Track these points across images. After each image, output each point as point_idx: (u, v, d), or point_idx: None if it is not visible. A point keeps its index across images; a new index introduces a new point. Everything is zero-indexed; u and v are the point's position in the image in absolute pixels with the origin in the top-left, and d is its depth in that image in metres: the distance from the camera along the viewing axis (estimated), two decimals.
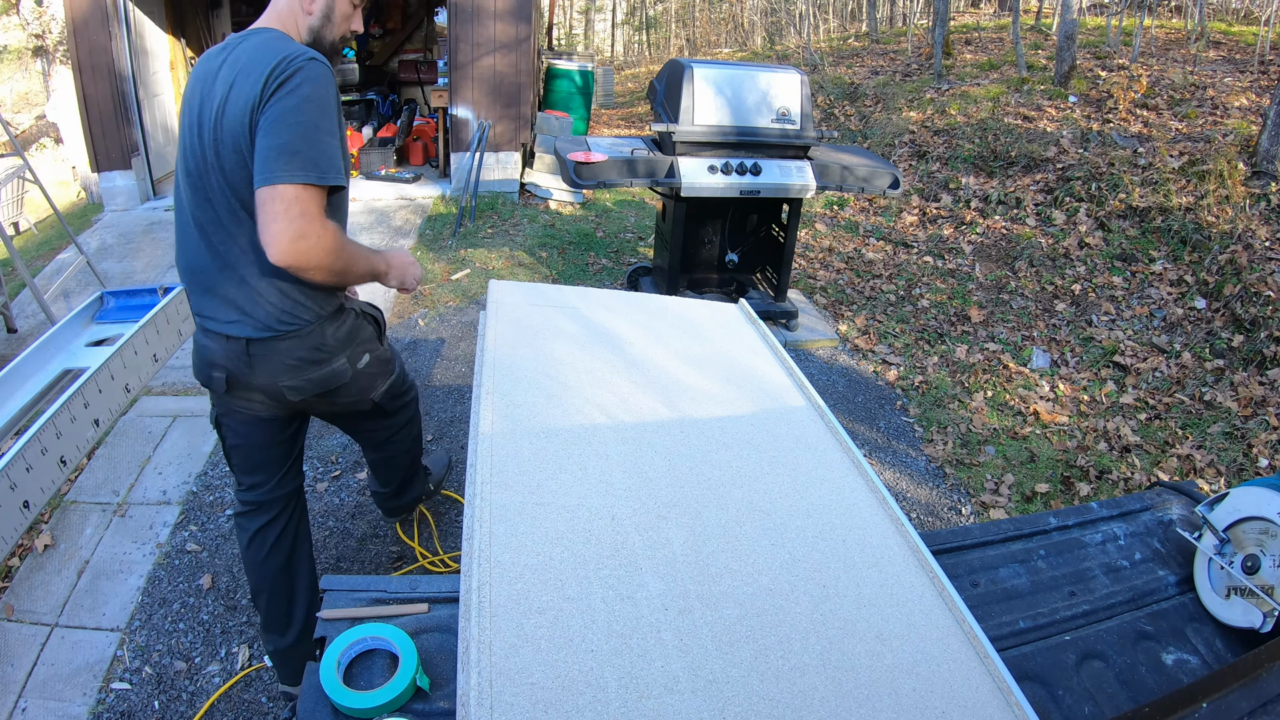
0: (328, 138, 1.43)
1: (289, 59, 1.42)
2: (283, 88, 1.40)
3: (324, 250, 1.42)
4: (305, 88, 1.41)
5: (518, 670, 0.81)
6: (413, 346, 4.01)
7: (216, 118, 1.47)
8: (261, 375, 1.66)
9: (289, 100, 1.40)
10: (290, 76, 1.41)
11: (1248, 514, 1.18)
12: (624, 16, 22.01)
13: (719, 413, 1.39)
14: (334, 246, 1.44)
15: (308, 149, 1.39)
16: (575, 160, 3.49)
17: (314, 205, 1.40)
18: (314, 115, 1.41)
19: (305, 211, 1.39)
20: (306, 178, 1.38)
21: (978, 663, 0.94)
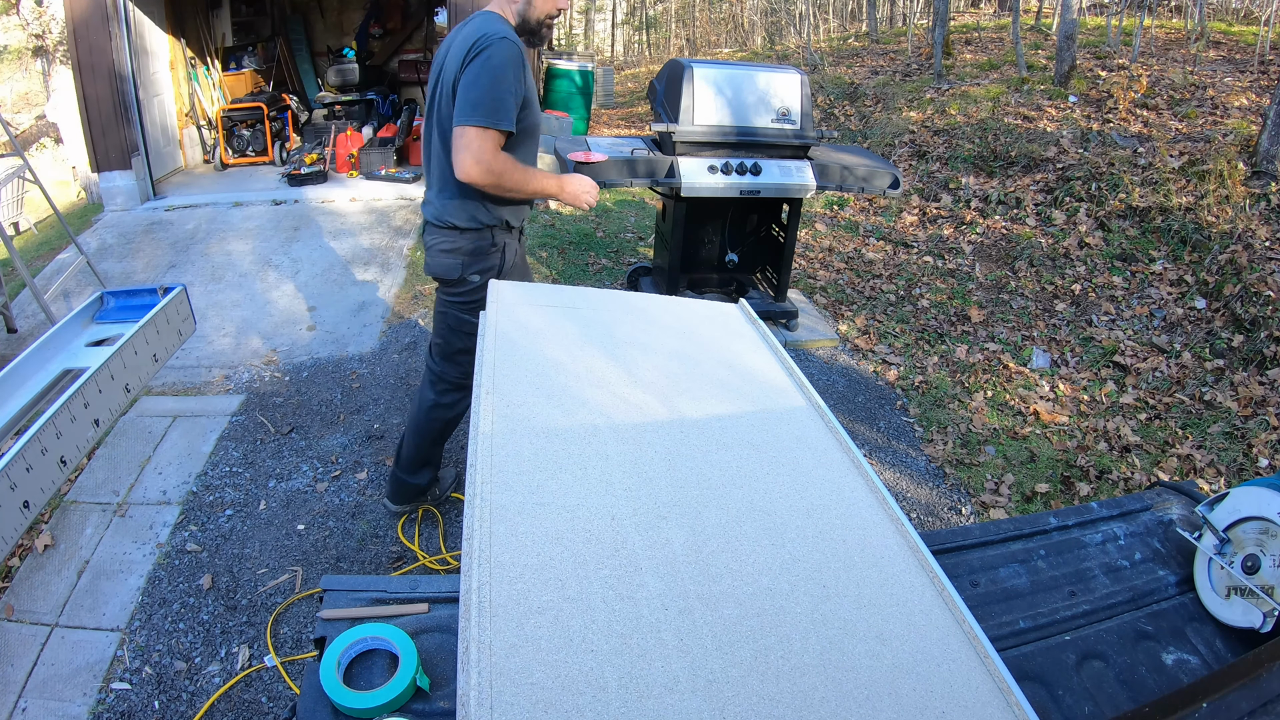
0: (504, 95, 1.95)
1: (485, 37, 1.95)
2: (476, 59, 1.94)
3: (490, 173, 1.97)
4: (491, 59, 1.94)
5: (518, 670, 0.81)
6: (413, 346, 4.01)
7: (439, 74, 2.09)
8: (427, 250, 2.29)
9: (476, 67, 1.95)
10: (482, 50, 1.94)
11: (1248, 514, 1.18)
12: (624, 16, 22.01)
13: (719, 413, 1.39)
14: (499, 171, 1.98)
15: (486, 102, 1.94)
16: (575, 160, 3.49)
17: (487, 141, 1.96)
18: (493, 78, 1.94)
19: (479, 145, 1.95)
20: (482, 121, 1.94)
21: (978, 663, 0.94)
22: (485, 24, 2.00)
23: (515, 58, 1.97)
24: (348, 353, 3.96)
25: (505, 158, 2.00)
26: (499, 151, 1.99)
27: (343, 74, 7.72)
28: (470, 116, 1.95)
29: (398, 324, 4.26)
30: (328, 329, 4.20)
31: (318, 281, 4.74)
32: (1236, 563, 1.16)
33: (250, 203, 5.94)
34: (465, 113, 1.95)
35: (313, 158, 6.76)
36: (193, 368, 3.78)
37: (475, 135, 1.96)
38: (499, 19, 2.04)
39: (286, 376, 3.73)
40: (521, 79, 1.99)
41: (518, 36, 2.03)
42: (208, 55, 7.27)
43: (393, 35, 8.69)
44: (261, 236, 5.33)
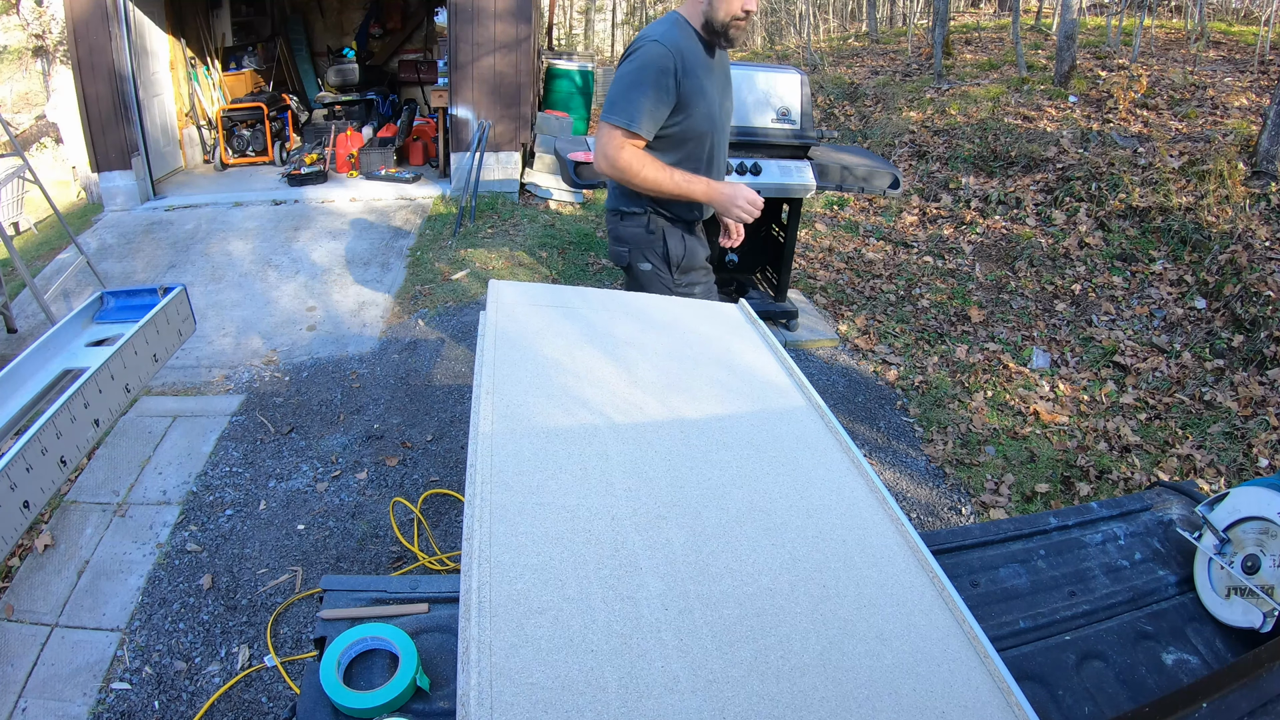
0: (638, 97, 1.96)
1: (639, 38, 2.01)
2: (624, 59, 2.01)
3: (615, 169, 2.02)
4: (633, 60, 1.98)
5: (518, 670, 0.81)
6: (413, 346, 4.01)
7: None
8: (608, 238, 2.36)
9: (621, 67, 2.01)
10: (630, 52, 2.00)
11: (1248, 514, 1.18)
12: (624, 16, 22.00)
13: (719, 412, 1.39)
14: (623, 167, 2.00)
15: (619, 101, 1.98)
16: (575, 160, 3.49)
17: (613, 138, 1.99)
18: (631, 80, 1.97)
19: (605, 141, 2.01)
20: (612, 119, 1.99)
21: (978, 663, 0.94)
22: (654, 25, 2.03)
23: (660, 61, 1.96)
24: (348, 353, 3.96)
25: (633, 155, 2.00)
26: (626, 148, 2.00)
27: (343, 74, 7.72)
28: (605, 112, 2.02)
29: (398, 324, 4.26)
30: (328, 329, 4.20)
31: (318, 281, 4.74)
32: (1236, 563, 1.16)
33: (250, 203, 5.94)
34: (606, 107, 2.03)
35: (313, 158, 6.76)
36: (193, 368, 3.78)
37: (605, 131, 2.01)
38: (673, 21, 2.04)
39: (286, 376, 3.73)
40: (667, 83, 1.97)
41: (683, 38, 2.00)
42: (208, 55, 7.27)
43: (393, 35, 8.69)
44: (261, 236, 5.33)
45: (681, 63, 1.98)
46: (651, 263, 2.24)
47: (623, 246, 2.27)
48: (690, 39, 2.03)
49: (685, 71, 1.99)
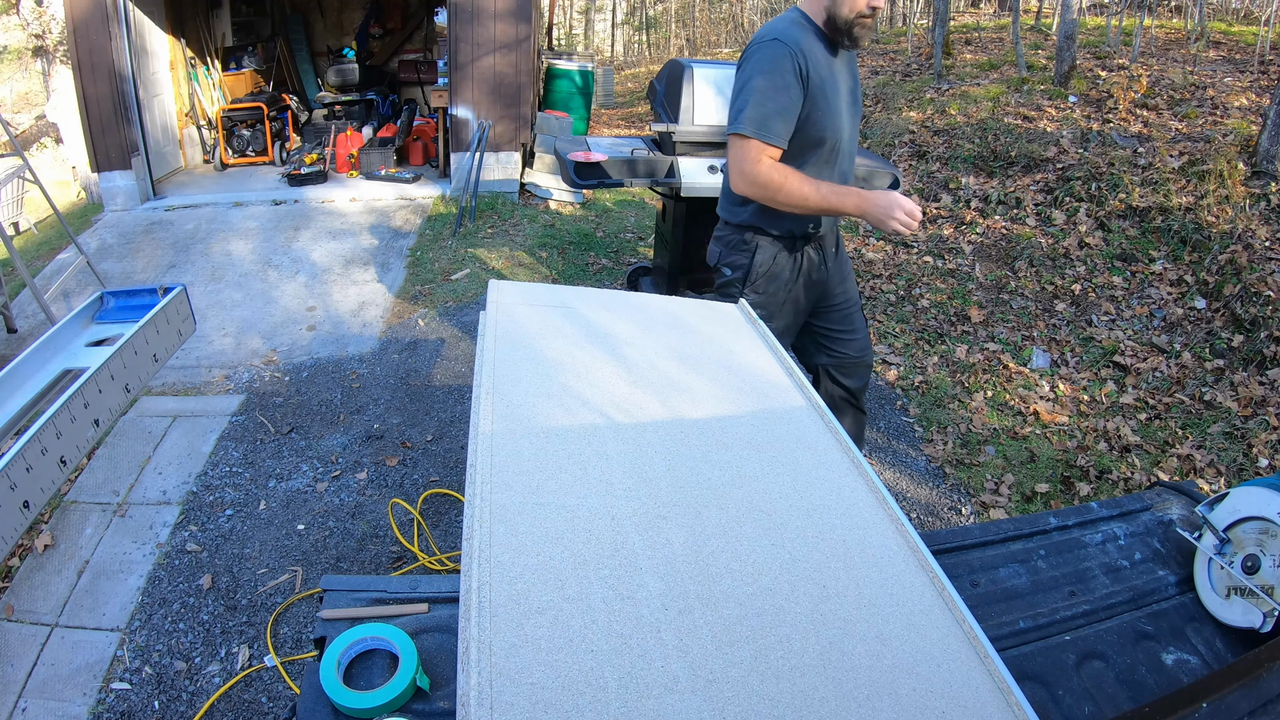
0: (766, 102, 1.83)
1: (755, 38, 1.88)
2: (742, 63, 1.89)
3: (754, 185, 1.89)
4: (750, 62, 1.86)
5: (518, 670, 0.81)
6: (413, 346, 4.01)
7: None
8: None
9: (740, 72, 1.89)
10: (747, 55, 1.88)
11: (1248, 514, 1.18)
12: (624, 16, 22.00)
13: (719, 413, 1.39)
14: (763, 183, 1.87)
15: (746, 109, 1.84)
16: (575, 160, 3.49)
17: (748, 151, 1.86)
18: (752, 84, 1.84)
19: (740, 155, 1.88)
20: (742, 129, 1.85)
21: (978, 663, 0.94)
22: (772, 22, 1.89)
23: (783, 60, 1.81)
24: (348, 353, 3.96)
25: (773, 169, 1.86)
26: (762, 161, 1.86)
27: (343, 74, 7.72)
28: (732, 123, 1.87)
29: (398, 324, 4.26)
30: (328, 329, 4.20)
31: (318, 281, 4.74)
32: (1236, 563, 1.16)
33: (250, 203, 5.94)
34: (730, 119, 1.88)
35: (313, 158, 6.76)
36: (193, 368, 3.78)
37: (737, 145, 1.87)
38: (792, 18, 1.90)
39: (286, 376, 3.73)
40: (793, 84, 1.83)
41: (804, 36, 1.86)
42: (208, 55, 7.27)
43: (393, 35, 8.69)
44: (261, 236, 5.33)
45: (805, 61, 1.83)
46: (733, 271, 2.15)
47: (716, 247, 2.20)
48: (812, 37, 1.88)
49: (810, 71, 1.84)
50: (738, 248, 2.13)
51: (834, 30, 1.88)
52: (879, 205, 1.84)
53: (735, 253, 2.14)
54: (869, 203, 1.85)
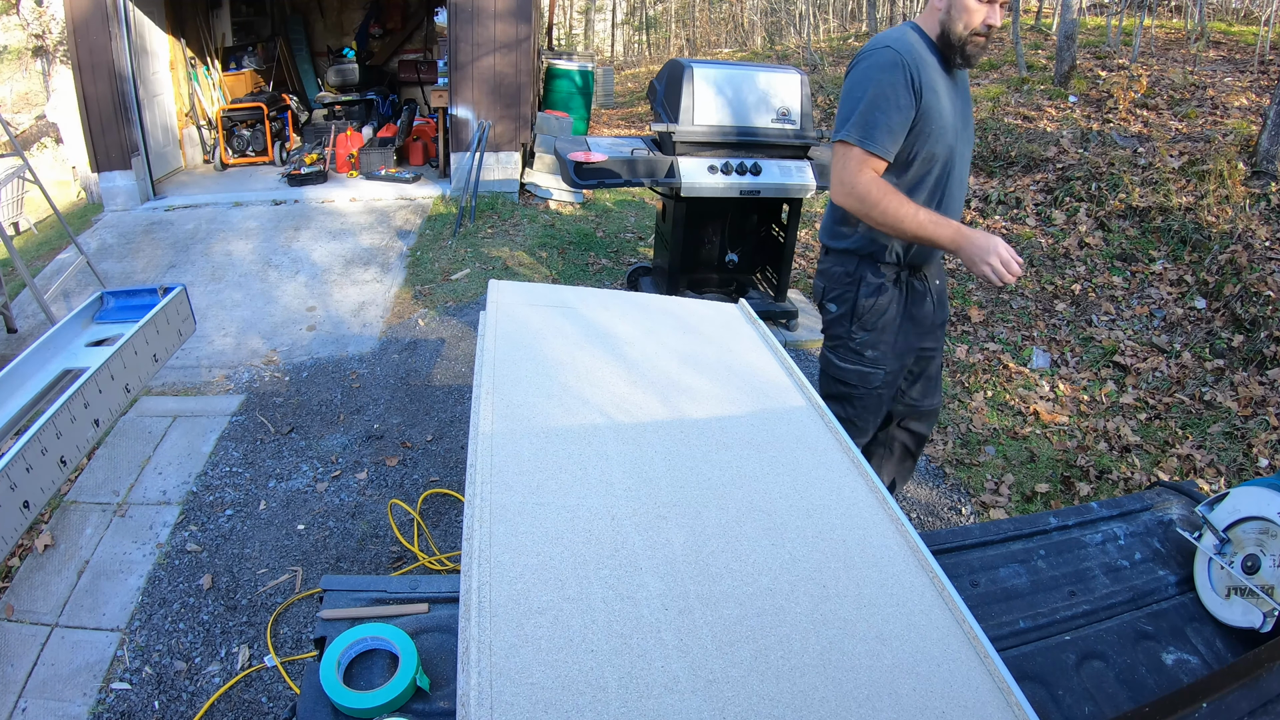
0: (874, 111, 1.74)
1: (870, 44, 1.80)
2: (854, 66, 1.80)
3: (852, 197, 1.78)
4: (860, 68, 1.78)
5: (518, 670, 0.81)
6: (413, 346, 4.01)
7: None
8: None
9: (852, 75, 1.80)
10: (857, 61, 1.80)
11: (1248, 514, 1.18)
12: (624, 16, 22.00)
13: (719, 413, 1.39)
14: (862, 195, 1.76)
15: (853, 117, 1.77)
16: (575, 160, 3.49)
17: (849, 160, 1.77)
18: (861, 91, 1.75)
19: (841, 163, 1.79)
20: (846, 137, 1.77)
21: (978, 663, 0.94)
22: (886, 32, 1.83)
23: (894, 69, 1.72)
24: (348, 353, 3.96)
25: (874, 182, 1.75)
26: (864, 172, 1.75)
27: (343, 74, 7.72)
28: (837, 130, 1.80)
29: (398, 324, 4.26)
30: (328, 329, 4.20)
31: (318, 281, 4.74)
32: (1236, 563, 1.16)
33: (250, 203, 5.94)
34: (837, 126, 1.80)
35: (313, 158, 6.76)
36: (193, 368, 3.78)
37: (840, 153, 1.79)
38: (907, 30, 1.81)
39: (286, 376, 3.73)
40: (905, 94, 1.72)
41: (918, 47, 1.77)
42: (208, 55, 7.27)
43: (393, 35, 8.69)
44: (261, 236, 5.33)
45: (918, 73, 1.73)
46: (838, 306, 2.02)
47: (820, 281, 2.07)
48: (926, 51, 1.79)
49: (922, 84, 1.74)
50: (841, 280, 2.00)
51: (947, 46, 1.79)
52: (976, 244, 1.67)
53: (839, 285, 2.00)
54: (966, 239, 1.70)
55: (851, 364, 2.04)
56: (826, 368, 2.12)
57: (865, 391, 2.06)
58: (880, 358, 2.01)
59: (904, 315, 2.00)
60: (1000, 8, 1.74)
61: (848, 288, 1.99)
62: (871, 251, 1.93)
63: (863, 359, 2.02)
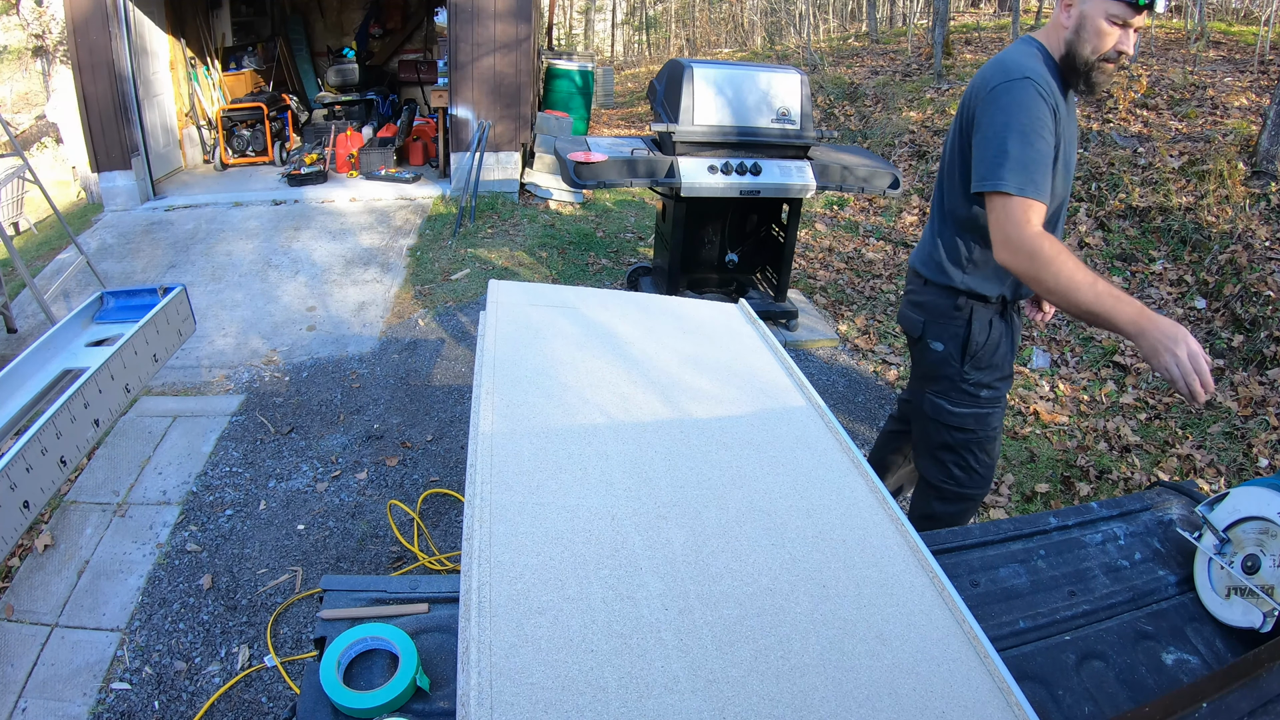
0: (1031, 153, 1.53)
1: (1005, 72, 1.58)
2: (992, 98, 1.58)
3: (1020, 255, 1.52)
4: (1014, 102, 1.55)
5: (518, 670, 0.81)
6: (413, 346, 4.01)
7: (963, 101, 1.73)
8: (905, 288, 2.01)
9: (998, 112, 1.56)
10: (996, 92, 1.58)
11: (1248, 514, 1.18)
12: (624, 16, 22.00)
13: (719, 412, 1.39)
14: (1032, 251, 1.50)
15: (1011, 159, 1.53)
16: (575, 160, 3.49)
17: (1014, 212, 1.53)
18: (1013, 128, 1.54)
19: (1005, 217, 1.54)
20: (1010, 186, 1.52)
21: (978, 663, 0.94)
22: (1012, 56, 1.62)
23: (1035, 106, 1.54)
24: (348, 353, 3.96)
25: (1045, 238, 1.50)
26: (1032, 224, 1.51)
27: (343, 74, 7.72)
28: (988, 178, 1.55)
29: (398, 324, 4.26)
30: (328, 329, 4.20)
31: (318, 281, 4.74)
32: (1236, 563, 1.16)
33: (250, 203, 5.94)
34: (986, 172, 1.56)
35: (313, 158, 6.76)
36: (193, 368, 3.78)
37: (998, 206, 1.54)
38: (1033, 52, 1.63)
39: (286, 376, 3.73)
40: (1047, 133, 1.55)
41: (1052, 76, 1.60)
42: (208, 55, 7.27)
43: (393, 35, 8.69)
44: (261, 236, 5.33)
45: (1056, 105, 1.58)
46: (944, 344, 1.85)
47: (918, 315, 1.89)
48: (1053, 79, 1.61)
49: (1059, 117, 1.58)
50: (947, 315, 1.83)
51: (1070, 70, 1.62)
52: (1163, 331, 1.39)
53: (946, 321, 1.83)
54: (1150, 322, 1.41)
55: (967, 408, 1.87)
56: (937, 415, 1.90)
57: (985, 435, 1.90)
58: (996, 396, 1.87)
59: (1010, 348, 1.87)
60: (1134, 33, 1.55)
61: (956, 323, 1.82)
62: (981, 288, 1.79)
63: (979, 400, 1.85)
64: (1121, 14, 1.52)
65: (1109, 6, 1.53)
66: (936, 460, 1.96)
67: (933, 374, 1.90)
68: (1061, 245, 1.50)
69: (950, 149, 1.78)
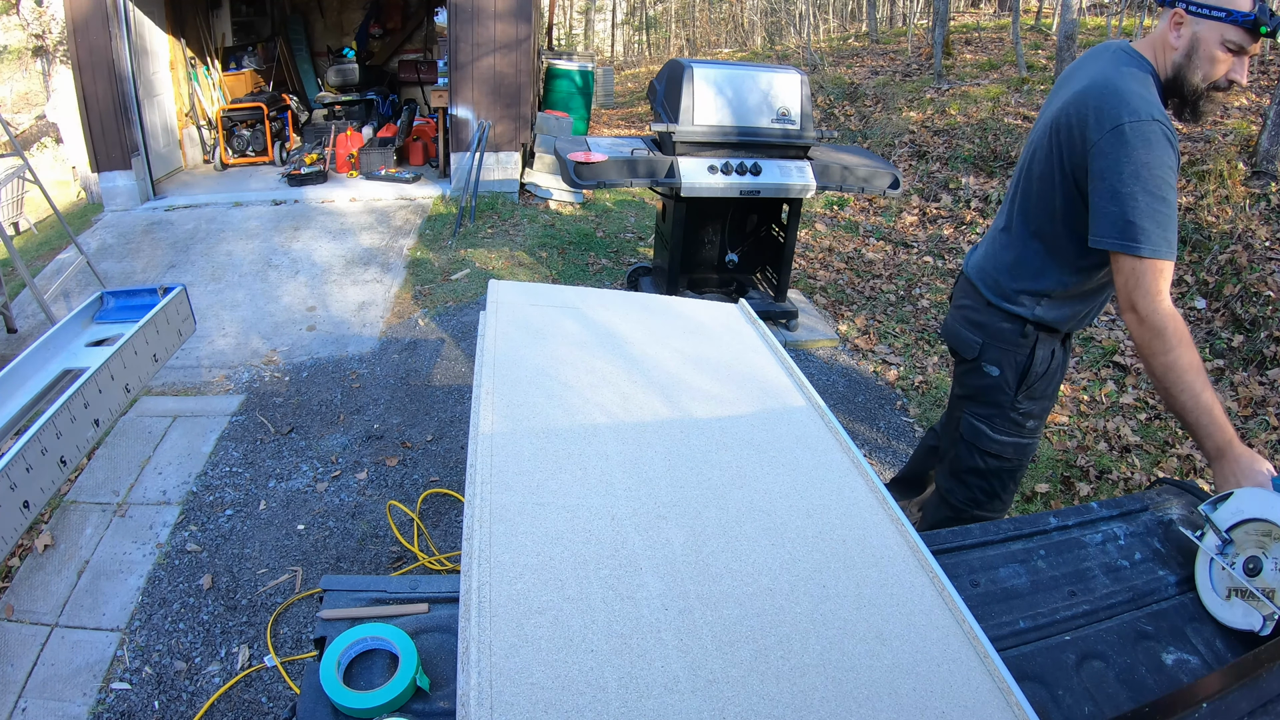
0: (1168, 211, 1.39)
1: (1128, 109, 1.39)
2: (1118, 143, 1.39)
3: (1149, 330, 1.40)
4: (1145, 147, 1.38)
5: (518, 670, 0.81)
6: (413, 346, 4.01)
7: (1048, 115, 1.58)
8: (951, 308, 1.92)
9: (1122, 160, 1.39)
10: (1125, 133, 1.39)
11: (1251, 515, 1.17)
12: (624, 16, 22.01)
13: (719, 413, 1.39)
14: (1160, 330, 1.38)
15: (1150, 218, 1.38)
16: (575, 160, 3.49)
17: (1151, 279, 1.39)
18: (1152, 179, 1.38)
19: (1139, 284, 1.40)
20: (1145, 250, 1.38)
21: (978, 663, 0.94)
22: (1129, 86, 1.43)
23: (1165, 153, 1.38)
24: (348, 353, 3.96)
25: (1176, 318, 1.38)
26: (1166, 297, 1.38)
27: (343, 74, 7.72)
28: (1123, 237, 1.40)
29: (398, 324, 4.26)
30: (328, 329, 4.20)
31: (318, 281, 4.74)
32: (1238, 564, 1.16)
33: (250, 203, 5.94)
34: (1117, 230, 1.41)
35: (313, 158, 6.76)
36: (193, 368, 3.78)
37: (1131, 268, 1.40)
38: (1146, 78, 1.45)
39: (286, 376, 3.73)
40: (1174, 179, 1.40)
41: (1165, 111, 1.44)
42: (208, 55, 7.27)
43: (393, 35, 8.69)
44: (261, 236, 5.33)
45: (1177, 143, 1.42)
46: (1002, 370, 1.75)
47: (975, 336, 1.78)
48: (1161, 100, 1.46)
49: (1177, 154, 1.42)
50: (1011, 341, 1.73)
51: (1176, 95, 1.49)
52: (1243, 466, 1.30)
53: (1008, 347, 1.74)
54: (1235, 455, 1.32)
55: (1010, 436, 1.80)
56: (975, 440, 1.83)
57: (1018, 465, 1.85)
58: (1039, 427, 1.81)
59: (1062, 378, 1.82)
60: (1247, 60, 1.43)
61: (1019, 351, 1.72)
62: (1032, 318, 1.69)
63: (1023, 430, 1.79)
64: (1239, 40, 1.39)
65: (1226, 31, 1.39)
66: (963, 483, 1.91)
67: (981, 398, 1.81)
68: (1185, 330, 1.39)
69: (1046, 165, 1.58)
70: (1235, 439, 1.34)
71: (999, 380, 1.76)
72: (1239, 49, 1.40)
